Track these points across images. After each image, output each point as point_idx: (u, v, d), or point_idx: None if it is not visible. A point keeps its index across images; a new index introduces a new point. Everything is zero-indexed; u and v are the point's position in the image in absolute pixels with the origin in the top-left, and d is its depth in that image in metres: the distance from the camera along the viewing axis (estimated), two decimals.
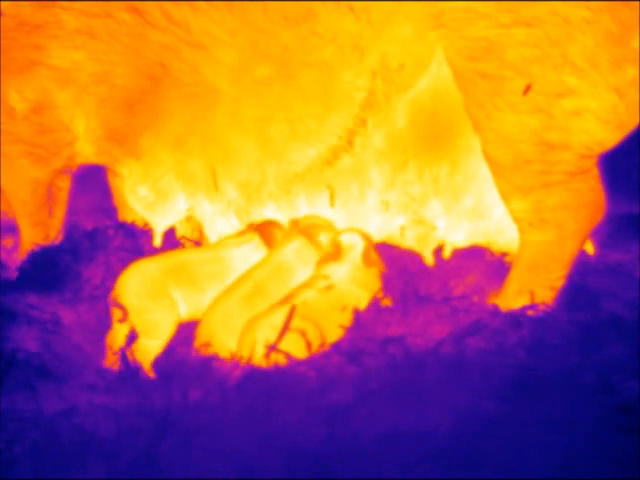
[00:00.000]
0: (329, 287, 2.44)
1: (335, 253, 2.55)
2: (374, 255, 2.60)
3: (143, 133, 2.73)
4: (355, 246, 2.58)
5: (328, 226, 2.66)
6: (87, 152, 2.80)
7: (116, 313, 2.37)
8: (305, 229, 2.59)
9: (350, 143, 2.65)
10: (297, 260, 2.53)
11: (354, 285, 2.50)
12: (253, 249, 2.60)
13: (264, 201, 2.78)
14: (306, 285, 2.47)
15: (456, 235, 2.74)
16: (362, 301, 2.49)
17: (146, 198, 2.83)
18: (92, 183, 3.04)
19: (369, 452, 1.93)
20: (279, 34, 2.52)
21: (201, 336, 2.36)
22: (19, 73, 2.64)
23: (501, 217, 2.65)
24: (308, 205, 2.77)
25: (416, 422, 2.01)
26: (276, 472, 1.89)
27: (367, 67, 2.53)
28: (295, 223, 2.69)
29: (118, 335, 2.37)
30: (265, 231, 2.63)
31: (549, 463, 1.90)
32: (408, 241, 2.78)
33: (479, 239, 2.76)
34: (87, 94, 2.68)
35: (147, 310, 2.37)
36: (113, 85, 2.65)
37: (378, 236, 2.79)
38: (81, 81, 2.66)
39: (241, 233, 2.68)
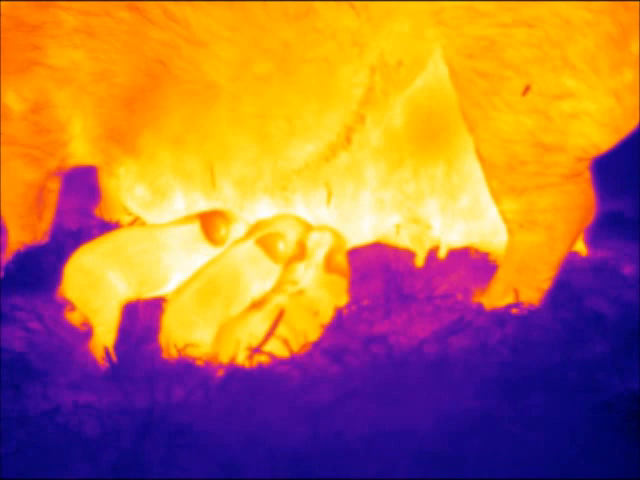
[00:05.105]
0: (299, 292, 2.43)
1: (300, 253, 2.55)
2: (340, 258, 2.58)
3: (142, 131, 2.71)
4: (321, 247, 2.57)
5: (292, 230, 2.63)
6: (81, 152, 2.77)
7: (66, 306, 2.43)
8: (263, 239, 2.58)
9: (348, 140, 2.63)
10: (246, 262, 2.52)
11: (321, 290, 2.48)
12: (190, 232, 2.59)
13: (259, 196, 2.76)
14: (276, 290, 2.45)
15: (451, 235, 2.73)
16: (330, 307, 2.47)
17: (143, 197, 2.81)
18: (77, 183, 3.03)
19: (352, 451, 1.94)
20: (279, 30, 2.50)
21: (164, 334, 2.37)
22: (18, 73, 2.61)
23: (496, 218, 2.61)
24: (304, 202, 2.75)
25: (399, 421, 2.02)
26: (259, 471, 1.90)
27: (366, 63, 2.51)
28: (256, 226, 2.67)
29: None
30: (207, 220, 2.63)
31: (533, 461, 1.91)
32: (403, 240, 2.75)
33: (474, 239, 2.74)
34: (86, 93, 2.65)
35: (90, 300, 2.41)
36: (112, 84, 2.63)
37: (372, 234, 2.77)
38: (80, 80, 2.63)
39: (184, 217, 2.68)
